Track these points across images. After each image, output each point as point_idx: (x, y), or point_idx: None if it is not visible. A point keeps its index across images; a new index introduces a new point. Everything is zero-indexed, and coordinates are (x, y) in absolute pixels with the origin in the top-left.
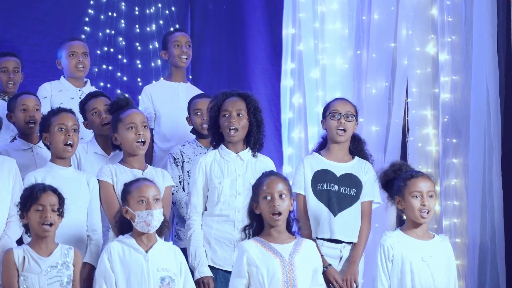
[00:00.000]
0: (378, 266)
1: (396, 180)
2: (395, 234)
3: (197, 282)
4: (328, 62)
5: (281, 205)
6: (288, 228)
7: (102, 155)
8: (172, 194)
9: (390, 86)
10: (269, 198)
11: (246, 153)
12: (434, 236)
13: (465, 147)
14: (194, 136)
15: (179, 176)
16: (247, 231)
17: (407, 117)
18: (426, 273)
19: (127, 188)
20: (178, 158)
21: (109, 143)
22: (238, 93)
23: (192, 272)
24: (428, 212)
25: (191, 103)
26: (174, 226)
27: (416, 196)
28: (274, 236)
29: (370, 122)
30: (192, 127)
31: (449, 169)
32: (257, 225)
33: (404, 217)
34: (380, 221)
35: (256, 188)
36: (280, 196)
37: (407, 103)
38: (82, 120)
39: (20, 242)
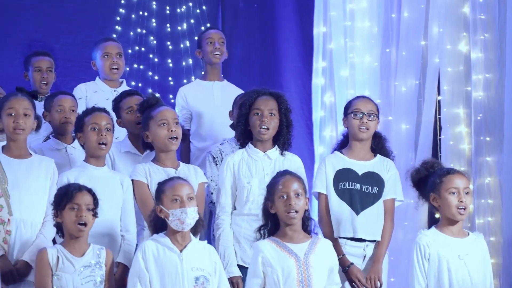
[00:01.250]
0: (415, 265)
1: (430, 177)
2: (430, 233)
3: None
4: (358, 60)
5: (297, 204)
6: (304, 227)
7: (135, 154)
8: (212, 193)
9: (421, 84)
10: (285, 197)
11: (274, 151)
12: (468, 233)
13: (499, 145)
14: (228, 134)
15: (218, 175)
16: (262, 231)
17: (439, 115)
18: (463, 270)
19: (161, 187)
20: (217, 157)
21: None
22: (270, 92)
23: None
24: (464, 209)
25: (235, 99)
26: (211, 225)
27: (453, 192)
28: (289, 235)
29: (400, 120)
30: (232, 121)
31: (482, 168)
32: (272, 225)
33: (437, 215)
34: (410, 219)
35: (272, 187)
36: (296, 195)
37: (438, 101)
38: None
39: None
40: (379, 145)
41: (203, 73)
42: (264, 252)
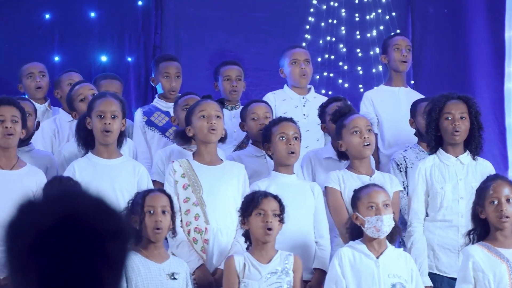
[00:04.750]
0: None
1: None
2: None
3: None
4: None
5: (508, 209)
6: None
7: (337, 160)
8: None
9: None
10: (495, 202)
11: (466, 156)
12: None
13: None
14: (415, 141)
15: (403, 182)
16: (471, 236)
17: None
18: None
19: (357, 194)
20: (401, 164)
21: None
22: (459, 96)
23: None
24: None
25: (417, 105)
26: None
27: None
28: (500, 240)
29: None
30: (415, 130)
31: None
32: (482, 230)
33: None
34: None
35: (482, 192)
36: (507, 200)
37: None
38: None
39: None
40: None
41: (388, 78)
42: (475, 257)
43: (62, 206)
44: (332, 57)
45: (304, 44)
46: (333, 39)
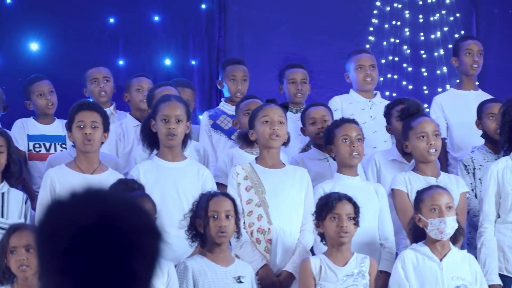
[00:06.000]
0: None
1: None
2: None
3: None
4: None
5: None
6: None
7: (401, 162)
8: None
9: None
10: None
11: None
12: None
13: None
14: (482, 142)
15: (471, 183)
16: None
17: None
18: None
19: (420, 195)
20: (469, 165)
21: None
22: None
23: None
24: None
25: (483, 107)
26: (466, 235)
27: None
28: None
29: None
30: (481, 131)
31: None
32: None
33: None
34: None
35: None
36: None
37: None
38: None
39: None
40: None
41: (458, 81)
42: None
43: (95, 206)
44: (396, 59)
45: (367, 46)
46: (397, 40)
